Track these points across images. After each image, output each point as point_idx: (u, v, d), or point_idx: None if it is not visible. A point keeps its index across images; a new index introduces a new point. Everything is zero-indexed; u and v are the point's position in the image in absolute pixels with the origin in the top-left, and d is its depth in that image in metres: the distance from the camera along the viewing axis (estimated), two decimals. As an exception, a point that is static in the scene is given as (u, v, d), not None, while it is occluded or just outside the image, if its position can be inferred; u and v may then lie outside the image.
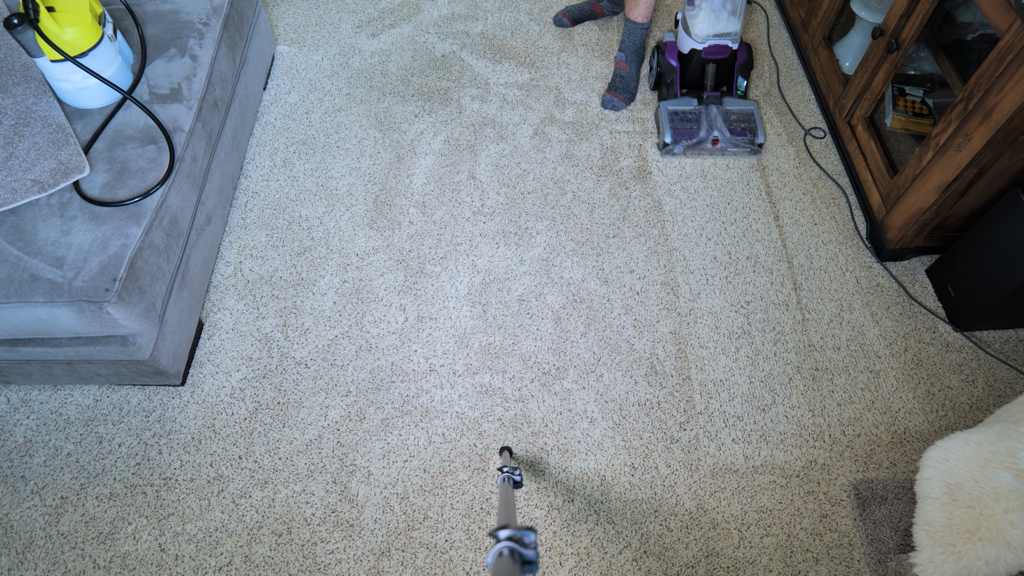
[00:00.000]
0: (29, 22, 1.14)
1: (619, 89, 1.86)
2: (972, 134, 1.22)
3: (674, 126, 1.70)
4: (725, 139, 1.69)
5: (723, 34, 1.63)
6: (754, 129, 1.71)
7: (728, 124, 1.71)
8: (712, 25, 1.61)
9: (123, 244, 1.14)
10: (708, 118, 1.70)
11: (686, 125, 1.70)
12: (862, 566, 1.19)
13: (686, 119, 1.71)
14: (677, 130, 1.70)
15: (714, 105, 1.72)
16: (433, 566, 1.20)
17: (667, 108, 1.73)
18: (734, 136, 1.69)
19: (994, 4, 1.15)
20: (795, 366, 1.42)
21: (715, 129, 1.69)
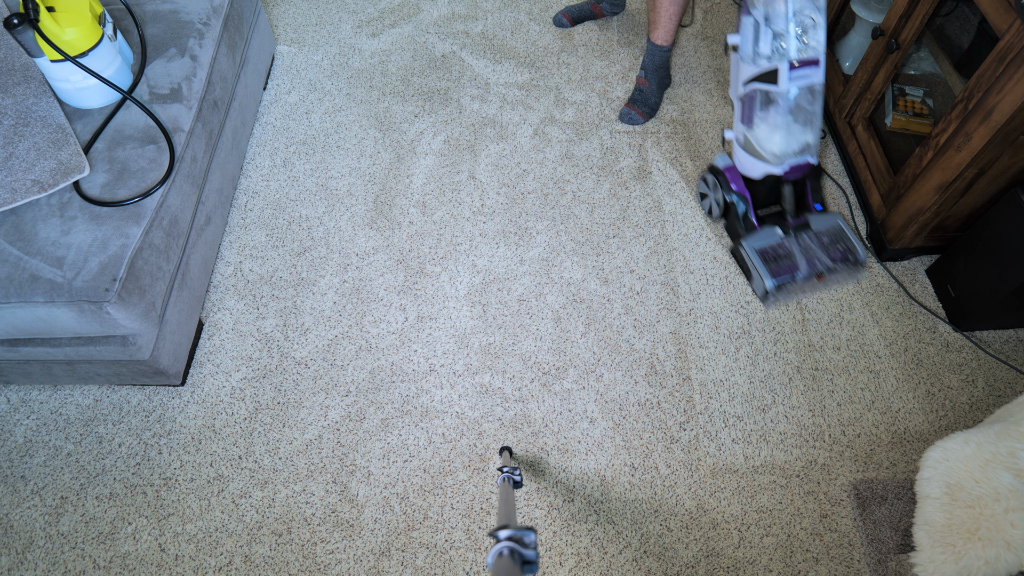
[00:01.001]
0: (29, 22, 1.14)
1: (639, 103, 1.83)
2: (972, 134, 1.22)
3: (771, 269, 1.42)
4: (828, 269, 1.44)
5: (803, 149, 1.38)
6: (852, 247, 1.45)
7: (825, 250, 1.45)
8: (789, 142, 1.35)
9: (123, 244, 1.14)
10: (802, 249, 1.44)
11: (782, 263, 1.43)
12: (862, 566, 1.19)
13: (779, 256, 1.44)
14: (776, 273, 1.42)
15: (804, 232, 1.46)
16: (433, 566, 1.20)
17: (753, 248, 1.45)
18: (836, 263, 1.45)
19: (994, 4, 1.15)
20: (795, 366, 1.42)
21: (816, 261, 1.44)
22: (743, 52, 1.28)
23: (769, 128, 1.34)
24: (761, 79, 1.28)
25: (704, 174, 1.56)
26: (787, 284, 1.42)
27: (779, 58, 1.23)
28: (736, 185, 1.47)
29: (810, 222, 1.47)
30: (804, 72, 1.25)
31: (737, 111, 1.41)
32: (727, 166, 1.49)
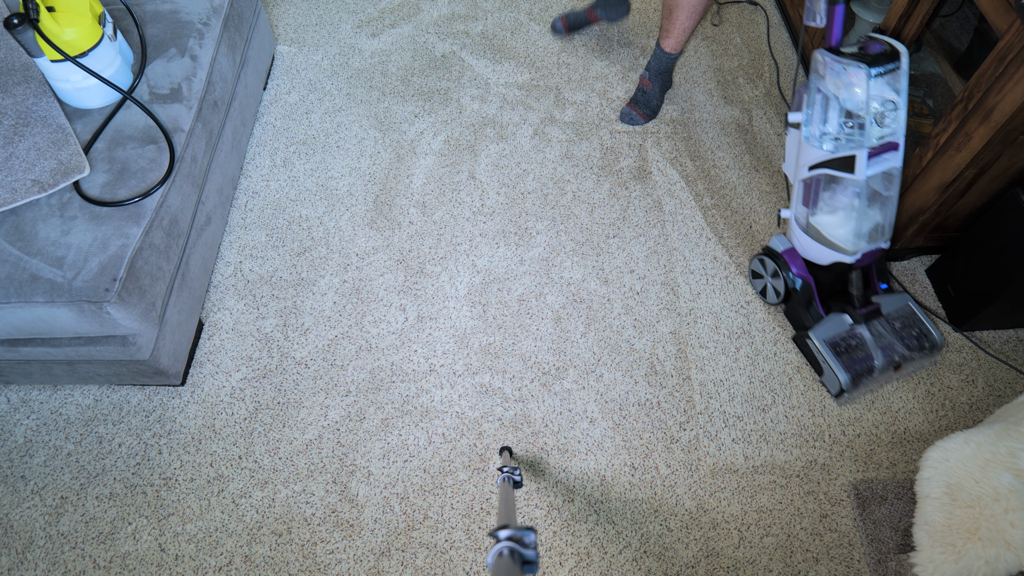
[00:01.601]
0: (29, 22, 1.14)
1: (640, 104, 1.82)
2: (972, 134, 1.22)
3: (844, 362, 1.30)
4: (904, 358, 1.33)
5: (876, 235, 1.24)
6: (926, 331, 1.35)
7: (899, 337, 1.33)
8: (862, 231, 1.22)
9: (123, 244, 1.14)
10: (875, 337, 1.32)
11: (856, 355, 1.31)
12: (862, 566, 1.19)
13: (850, 348, 1.31)
14: (850, 367, 1.30)
15: (875, 319, 1.34)
16: (433, 566, 1.20)
17: (823, 340, 1.31)
18: (912, 352, 1.33)
19: (994, 4, 1.15)
20: (795, 366, 1.42)
21: (891, 350, 1.32)
22: (808, 134, 1.16)
23: (840, 216, 1.22)
24: (832, 164, 1.14)
25: (758, 256, 1.42)
26: (863, 378, 1.30)
27: (856, 144, 1.10)
28: (798, 270, 1.33)
29: (881, 306, 1.34)
30: (883, 157, 1.13)
31: (797, 192, 1.27)
32: (786, 249, 1.35)
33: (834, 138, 1.13)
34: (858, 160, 1.10)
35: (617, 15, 2.00)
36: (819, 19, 1.15)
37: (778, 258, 1.34)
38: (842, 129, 1.11)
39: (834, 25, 1.14)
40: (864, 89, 1.07)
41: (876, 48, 1.09)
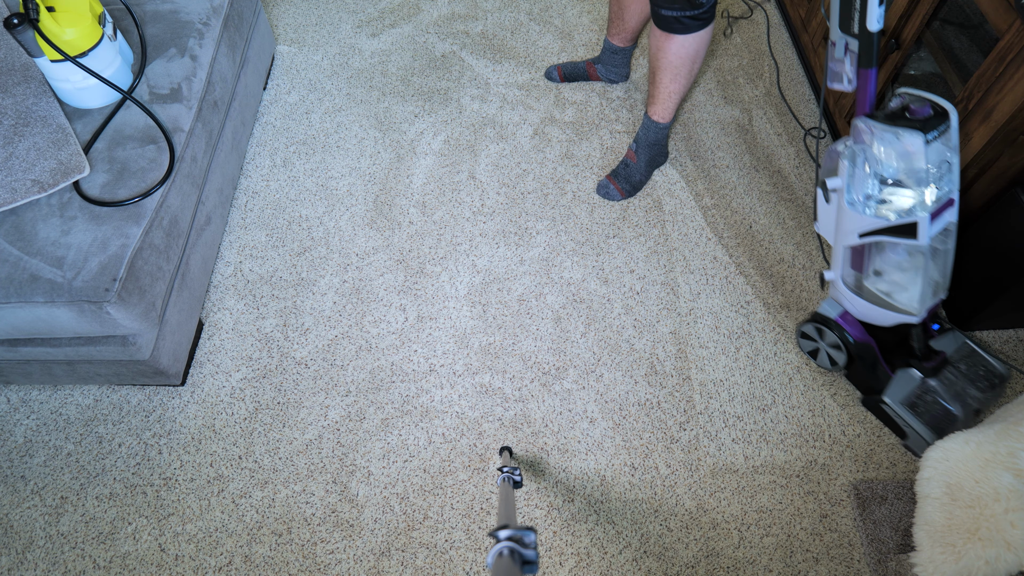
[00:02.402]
0: (29, 22, 1.14)
1: (620, 177, 1.68)
2: (972, 134, 1.22)
3: (927, 421, 1.24)
4: (980, 401, 1.27)
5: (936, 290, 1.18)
6: (990, 367, 1.29)
7: (970, 381, 1.28)
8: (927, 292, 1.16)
9: (123, 244, 1.14)
10: (946, 387, 1.26)
11: (934, 411, 1.25)
12: (862, 566, 1.19)
13: (927, 404, 1.26)
14: (933, 425, 1.24)
15: (943, 369, 1.28)
16: (433, 566, 1.20)
17: (899, 403, 1.26)
18: (984, 393, 1.27)
19: (994, 4, 1.15)
20: (795, 366, 1.42)
21: (966, 397, 1.26)
22: (852, 200, 1.09)
23: (901, 279, 1.16)
24: (890, 231, 1.07)
25: (806, 325, 1.34)
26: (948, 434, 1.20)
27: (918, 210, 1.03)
28: (857, 333, 1.26)
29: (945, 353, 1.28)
30: (941, 216, 1.07)
31: (844, 257, 1.21)
32: (840, 313, 1.28)
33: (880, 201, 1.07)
34: (921, 226, 1.04)
35: (617, 77, 1.92)
36: (847, 82, 1.07)
37: (833, 325, 1.27)
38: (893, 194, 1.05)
39: (868, 90, 1.06)
40: (923, 155, 1.01)
41: (925, 111, 1.02)
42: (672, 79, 1.50)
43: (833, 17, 1.03)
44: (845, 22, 1.00)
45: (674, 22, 1.37)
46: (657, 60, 1.48)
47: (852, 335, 1.26)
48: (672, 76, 1.49)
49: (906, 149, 1.01)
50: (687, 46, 1.42)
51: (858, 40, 1.00)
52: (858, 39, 1.00)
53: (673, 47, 1.43)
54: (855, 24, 0.98)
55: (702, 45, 1.44)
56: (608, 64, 1.87)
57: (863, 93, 1.06)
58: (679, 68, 1.47)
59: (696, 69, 1.49)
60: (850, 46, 1.02)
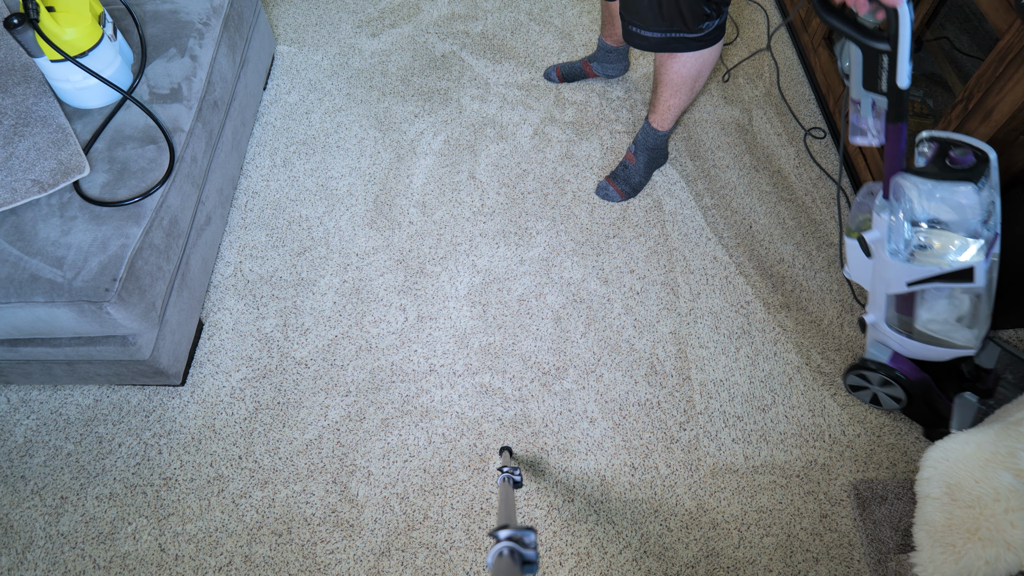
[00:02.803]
0: (29, 22, 1.14)
1: (619, 179, 1.67)
2: (972, 134, 1.22)
3: None
4: None
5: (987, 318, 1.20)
6: None
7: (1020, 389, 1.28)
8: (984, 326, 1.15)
9: (123, 244, 1.14)
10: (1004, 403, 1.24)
11: None
12: (862, 566, 1.19)
13: None
14: None
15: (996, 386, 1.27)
16: (433, 566, 1.20)
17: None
18: None
19: (994, 4, 1.15)
20: (795, 366, 1.42)
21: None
22: (893, 251, 1.07)
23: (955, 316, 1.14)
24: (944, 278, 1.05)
25: (856, 372, 1.30)
26: None
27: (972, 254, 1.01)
28: (912, 373, 1.24)
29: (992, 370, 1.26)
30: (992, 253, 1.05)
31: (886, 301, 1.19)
32: (891, 357, 1.25)
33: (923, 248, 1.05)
34: (977, 270, 1.02)
35: (615, 71, 1.91)
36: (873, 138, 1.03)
37: (887, 369, 1.25)
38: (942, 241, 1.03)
39: (900, 145, 1.02)
40: (977, 204, 1.00)
41: (968, 160, 1.01)
42: (673, 95, 1.49)
43: (855, 77, 0.98)
44: (870, 81, 0.95)
45: (673, 43, 1.34)
46: (659, 75, 1.47)
47: (908, 375, 1.23)
48: (673, 92, 1.48)
49: (959, 202, 1.00)
50: (688, 66, 1.40)
51: (887, 97, 0.95)
52: (887, 96, 0.95)
53: (675, 66, 1.41)
54: (882, 83, 0.94)
55: (705, 65, 1.41)
56: (603, 62, 1.88)
57: (895, 147, 1.02)
58: (680, 86, 1.46)
59: (699, 87, 1.48)
60: (877, 103, 0.98)
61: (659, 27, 1.30)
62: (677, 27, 1.29)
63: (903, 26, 0.85)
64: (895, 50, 0.88)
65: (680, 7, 1.25)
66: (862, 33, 0.90)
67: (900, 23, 0.85)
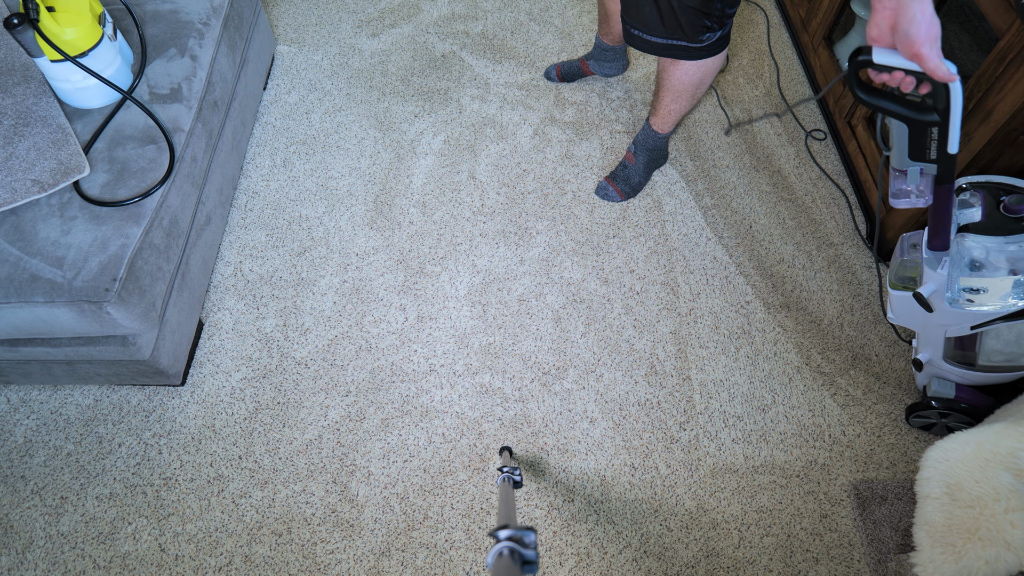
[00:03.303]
0: (29, 22, 1.14)
1: (619, 179, 1.67)
2: (972, 134, 1.22)
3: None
4: None
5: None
6: None
7: None
8: None
9: (123, 244, 1.14)
10: None
11: None
12: (862, 566, 1.19)
13: None
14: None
15: None
16: (433, 566, 1.20)
17: None
18: None
19: (994, 4, 1.15)
20: (795, 366, 1.42)
21: None
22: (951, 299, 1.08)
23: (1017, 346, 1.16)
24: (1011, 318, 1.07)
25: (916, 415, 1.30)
26: None
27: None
28: (980, 400, 1.25)
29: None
30: None
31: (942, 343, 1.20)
32: (958, 391, 1.25)
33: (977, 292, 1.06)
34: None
35: (613, 70, 1.91)
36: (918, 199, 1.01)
37: (956, 404, 1.25)
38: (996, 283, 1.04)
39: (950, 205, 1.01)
40: None
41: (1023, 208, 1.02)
42: (674, 100, 1.49)
43: (899, 148, 0.96)
44: (918, 152, 0.94)
45: (674, 49, 1.33)
46: (661, 80, 1.47)
47: (976, 404, 1.23)
48: (674, 97, 1.48)
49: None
50: (691, 74, 1.39)
51: (936, 164, 0.94)
52: (936, 164, 0.94)
53: (677, 73, 1.41)
54: (931, 152, 0.92)
55: (708, 73, 1.40)
56: (600, 60, 1.87)
57: (945, 206, 1.00)
58: (682, 92, 1.45)
59: (700, 93, 1.47)
60: (924, 170, 0.97)
61: (661, 33, 1.30)
62: (678, 36, 1.29)
63: (955, 99, 0.83)
64: (946, 121, 0.86)
65: (679, 19, 1.25)
66: (910, 109, 0.88)
67: (952, 97, 0.82)
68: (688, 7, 1.21)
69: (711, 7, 1.21)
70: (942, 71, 0.79)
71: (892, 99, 0.88)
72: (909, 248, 1.15)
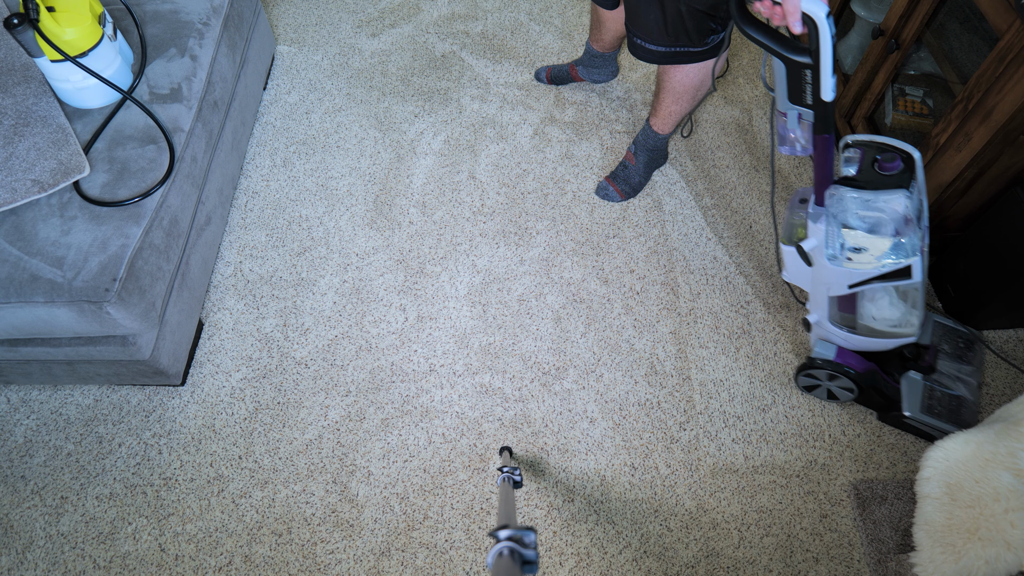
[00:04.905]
0: (29, 22, 1.14)
1: (619, 179, 1.67)
2: (972, 134, 1.22)
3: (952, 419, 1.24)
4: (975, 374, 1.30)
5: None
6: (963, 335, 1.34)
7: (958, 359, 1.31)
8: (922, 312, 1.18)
9: (123, 244, 1.14)
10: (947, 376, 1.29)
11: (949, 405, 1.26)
12: (862, 566, 1.19)
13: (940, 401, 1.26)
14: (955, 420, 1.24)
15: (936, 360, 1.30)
16: (433, 566, 1.20)
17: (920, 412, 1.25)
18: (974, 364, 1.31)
19: (994, 4, 1.15)
20: (795, 366, 1.41)
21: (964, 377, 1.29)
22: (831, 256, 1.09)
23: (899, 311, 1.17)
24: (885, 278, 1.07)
25: (805, 372, 1.31)
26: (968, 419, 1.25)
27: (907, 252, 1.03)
28: (860, 365, 1.26)
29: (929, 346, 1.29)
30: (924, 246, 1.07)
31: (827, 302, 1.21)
32: (837, 352, 1.27)
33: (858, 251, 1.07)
34: (915, 267, 1.04)
35: (601, 77, 1.90)
36: (800, 148, 1.02)
37: (835, 365, 1.27)
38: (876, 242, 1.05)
39: (829, 155, 1.01)
40: (910, 208, 1.02)
41: (897, 165, 1.02)
42: (674, 102, 1.48)
43: (780, 90, 0.96)
44: (796, 95, 0.94)
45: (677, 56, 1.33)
46: (661, 82, 1.47)
47: (855, 368, 1.24)
48: (674, 99, 1.48)
49: (894, 208, 1.02)
50: (691, 76, 1.39)
51: (812, 110, 0.94)
52: (812, 109, 0.94)
53: (678, 75, 1.40)
54: (807, 96, 0.93)
55: (708, 73, 1.40)
56: (590, 67, 1.86)
57: (823, 158, 1.02)
58: (682, 94, 1.45)
59: (701, 95, 1.47)
60: (803, 115, 0.97)
61: (664, 42, 1.30)
62: (682, 42, 1.29)
63: (824, 39, 0.82)
64: (818, 64, 0.85)
65: (686, 24, 1.25)
66: (783, 46, 0.87)
67: (820, 36, 0.81)
68: (696, 11, 1.22)
69: (718, 10, 1.22)
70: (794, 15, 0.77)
71: (768, 33, 0.87)
72: (799, 203, 1.14)
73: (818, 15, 0.79)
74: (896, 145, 1.04)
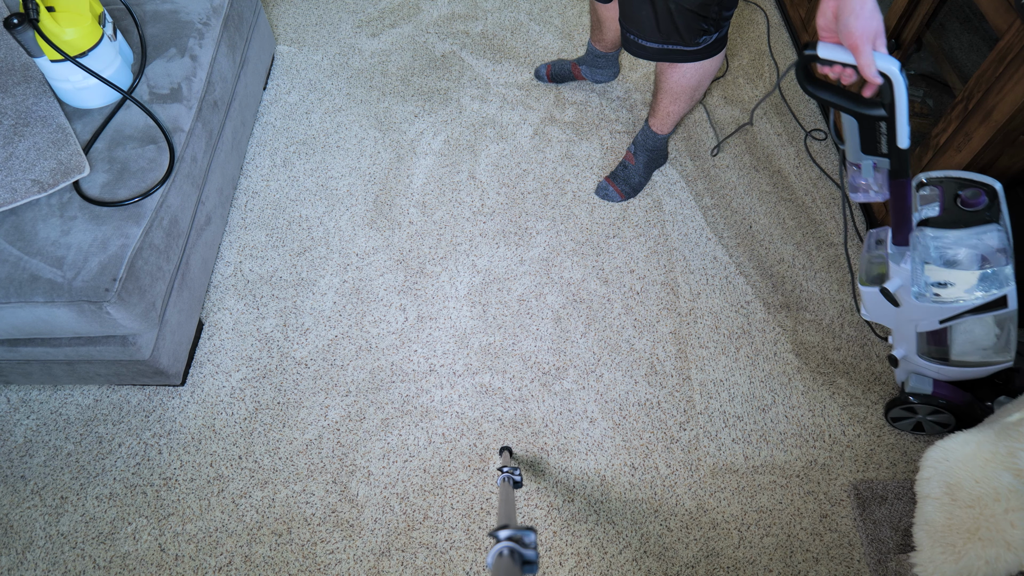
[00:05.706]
0: (29, 22, 1.14)
1: (619, 179, 1.67)
2: (972, 134, 1.22)
3: None
4: None
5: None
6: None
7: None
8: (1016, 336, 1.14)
9: (123, 244, 1.14)
10: None
11: None
12: (862, 566, 1.19)
13: None
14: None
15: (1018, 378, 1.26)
16: (433, 566, 1.20)
17: None
18: None
19: (994, 4, 1.15)
20: (795, 366, 1.42)
21: None
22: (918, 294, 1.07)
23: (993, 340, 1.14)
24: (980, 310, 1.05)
25: (901, 407, 1.27)
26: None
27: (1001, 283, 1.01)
28: (957, 396, 1.23)
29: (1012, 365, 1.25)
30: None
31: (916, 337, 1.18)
32: (935, 386, 1.23)
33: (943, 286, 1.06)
34: (1011, 296, 1.03)
35: (604, 77, 1.90)
36: (875, 194, 1.00)
37: (934, 400, 1.23)
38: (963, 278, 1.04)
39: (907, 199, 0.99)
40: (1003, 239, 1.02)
41: (982, 201, 1.02)
42: (672, 102, 1.48)
43: (851, 142, 0.96)
44: (869, 146, 0.94)
45: (671, 54, 1.32)
46: (659, 82, 1.47)
47: (955, 400, 1.21)
48: (672, 100, 1.48)
49: (987, 244, 1.02)
50: (688, 76, 1.39)
51: (888, 159, 0.94)
52: (888, 158, 0.94)
53: (675, 75, 1.40)
54: (882, 146, 0.93)
55: (706, 76, 1.40)
56: (592, 66, 1.86)
57: (902, 202, 1.00)
58: (680, 94, 1.45)
59: (699, 95, 1.47)
60: (878, 164, 0.97)
61: (656, 39, 1.30)
62: (674, 40, 1.29)
63: (899, 92, 0.82)
64: (892, 115, 0.86)
65: (676, 23, 1.24)
66: (855, 103, 0.87)
67: (896, 90, 0.82)
68: (685, 10, 1.21)
69: (708, 10, 1.21)
70: (870, 70, 0.78)
71: (838, 93, 0.87)
72: (875, 244, 1.14)
73: (892, 71, 0.80)
74: (975, 179, 1.04)
